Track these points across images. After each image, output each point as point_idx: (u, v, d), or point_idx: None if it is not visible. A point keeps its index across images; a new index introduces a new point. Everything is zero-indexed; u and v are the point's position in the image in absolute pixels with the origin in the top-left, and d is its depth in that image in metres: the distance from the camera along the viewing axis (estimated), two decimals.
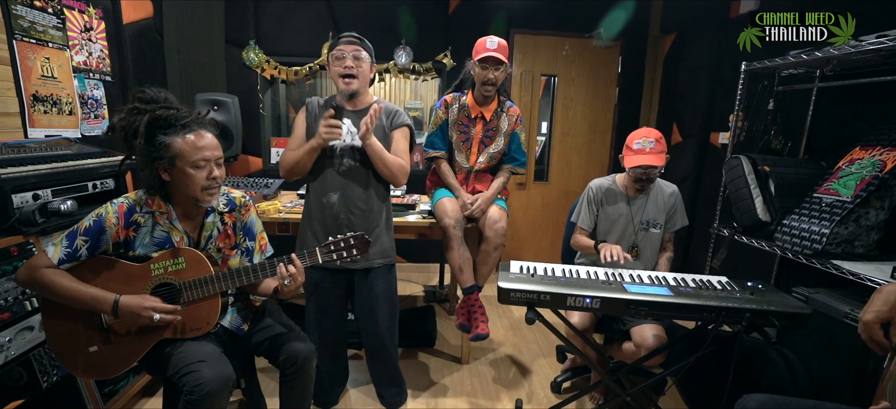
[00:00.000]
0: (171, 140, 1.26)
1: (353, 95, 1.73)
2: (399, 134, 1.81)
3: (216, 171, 1.32)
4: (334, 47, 1.71)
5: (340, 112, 1.63)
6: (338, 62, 1.69)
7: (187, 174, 1.28)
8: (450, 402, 2.07)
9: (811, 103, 2.20)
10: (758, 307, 1.37)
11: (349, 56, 1.68)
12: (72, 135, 2.23)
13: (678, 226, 1.97)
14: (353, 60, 1.68)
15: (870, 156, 1.78)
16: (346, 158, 1.75)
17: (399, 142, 1.80)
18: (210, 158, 1.30)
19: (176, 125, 1.29)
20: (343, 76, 1.69)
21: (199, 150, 1.28)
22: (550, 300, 1.45)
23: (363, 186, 1.77)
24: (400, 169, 1.75)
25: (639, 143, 1.84)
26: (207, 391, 1.19)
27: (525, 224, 3.88)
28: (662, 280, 1.57)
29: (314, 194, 1.78)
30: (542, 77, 3.70)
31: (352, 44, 1.69)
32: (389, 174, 1.74)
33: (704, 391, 1.98)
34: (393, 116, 1.81)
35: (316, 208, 1.78)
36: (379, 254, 1.82)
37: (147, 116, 1.26)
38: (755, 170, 2.07)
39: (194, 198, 1.31)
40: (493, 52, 1.98)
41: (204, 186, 1.30)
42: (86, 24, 2.36)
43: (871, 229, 1.72)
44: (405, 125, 1.82)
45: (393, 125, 1.81)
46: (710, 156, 3.05)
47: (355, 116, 1.75)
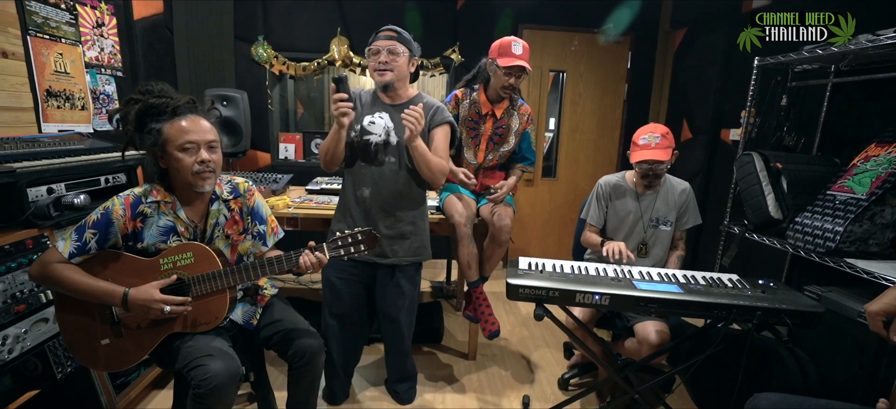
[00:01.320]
0: (160, 126, 1.28)
1: (387, 87, 1.69)
2: (440, 133, 1.74)
3: (206, 154, 1.30)
4: (371, 43, 1.67)
5: (340, 83, 1.53)
6: (373, 57, 1.67)
7: (177, 158, 1.28)
8: (458, 397, 2.08)
9: (825, 99, 2.16)
10: (769, 306, 1.35)
11: (384, 51, 1.64)
12: (84, 130, 2.26)
13: (690, 224, 1.95)
14: (388, 55, 1.64)
15: (886, 153, 1.75)
16: (381, 154, 1.71)
17: (439, 141, 1.73)
18: (198, 141, 1.30)
19: (166, 112, 1.30)
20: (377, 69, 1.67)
21: (185, 133, 1.28)
22: (559, 297, 1.44)
23: (397, 183, 1.72)
24: (440, 171, 1.70)
25: (645, 138, 1.83)
26: (215, 385, 1.20)
27: (533, 221, 3.87)
28: (672, 277, 1.56)
29: (349, 187, 1.76)
30: (551, 73, 3.67)
31: (388, 39, 1.65)
32: (430, 176, 1.69)
33: (714, 390, 1.96)
34: (433, 112, 1.74)
35: (350, 201, 1.75)
36: (408, 252, 1.79)
37: (138, 105, 1.29)
38: (767, 167, 2.05)
39: (188, 183, 1.32)
40: (520, 61, 1.93)
41: (194, 171, 1.29)
42: (98, 19, 2.38)
43: (887, 227, 1.69)
44: (447, 122, 1.75)
45: (434, 122, 1.74)
46: (721, 153, 3.02)
47: (393, 110, 1.72)
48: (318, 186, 2.53)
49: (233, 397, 1.27)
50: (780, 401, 1.23)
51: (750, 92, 2.24)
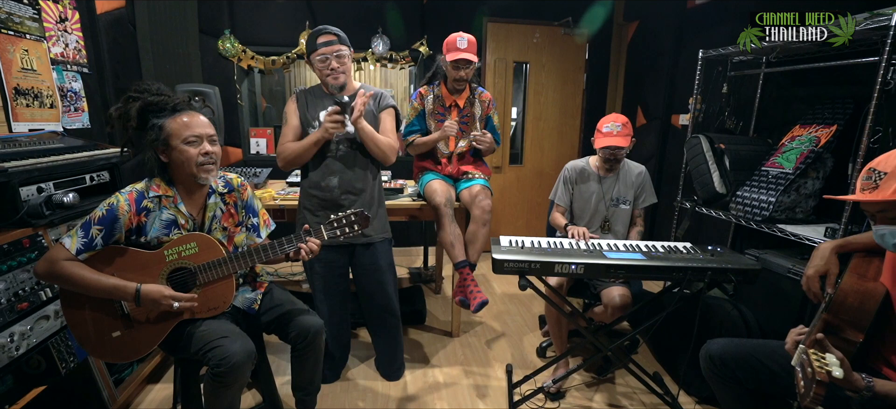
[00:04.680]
0: (163, 122, 1.35)
1: (344, 86, 1.83)
2: (386, 115, 1.94)
3: (209, 147, 1.39)
4: (315, 49, 1.78)
5: (345, 107, 1.72)
6: (322, 64, 1.79)
7: (181, 151, 1.35)
8: (445, 371, 2.23)
9: (759, 87, 2.45)
10: (717, 266, 1.58)
11: (332, 57, 1.78)
12: (54, 128, 2.20)
13: (647, 203, 2.18)
14: (337, 61, 1.79)
15: (807, 133, 2.03)
16: (342, 145, 1.87)
17: (386, 122, 1.93)
18: (201, 134, 1.37)
19: (166, 109, 1.37)
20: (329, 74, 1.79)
21: (189, 127, 1.36)
22: (540, 268, 1.61)
23: (359, 168, 1.89)
24: (389, 148, 1.88)
25: (608, 126, 2.05)
26: (234, 362, 1.28)
27: (502, 205, 4.06)
28: (636, 247, 1.77)
29: (314, 179, 1.88)
30: (515, 63, 3.85)
31: (331, 45, 1.77)
32: (381, 154, 1.86)
33: (673, 346, 2.22)
34: (379, 99, 1.94)
35: (316, 192, 1.88)
36: (379, 229, 1.97)
37: (139, 103, 1.34)
38: (712, 148, 2.31)
39: (192, 175, 1.38)
40: (464, 54, 2.11)
41: (199, 163, 1.37)
42: (61, 14, 2.31)
43: (809, 196, 1.98)
44: (391, 106, 1.96)
45: (380, 107, 1.93)
46: (673, 136, 3.31)
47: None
48: (298, 178, 2.57)
49: (248, 375, 1.35)
50: (727, 344, 1.46)
51: (696, 81, 2.50)
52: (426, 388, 2.09)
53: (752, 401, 1.46)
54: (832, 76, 2.10)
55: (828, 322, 1.21)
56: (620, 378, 2.18)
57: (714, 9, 2.88)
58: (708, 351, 1.48)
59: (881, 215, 1.13)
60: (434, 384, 2.12)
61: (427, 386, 2.11)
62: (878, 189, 1.09)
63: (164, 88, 1.41)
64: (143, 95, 1.36)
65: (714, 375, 1.46)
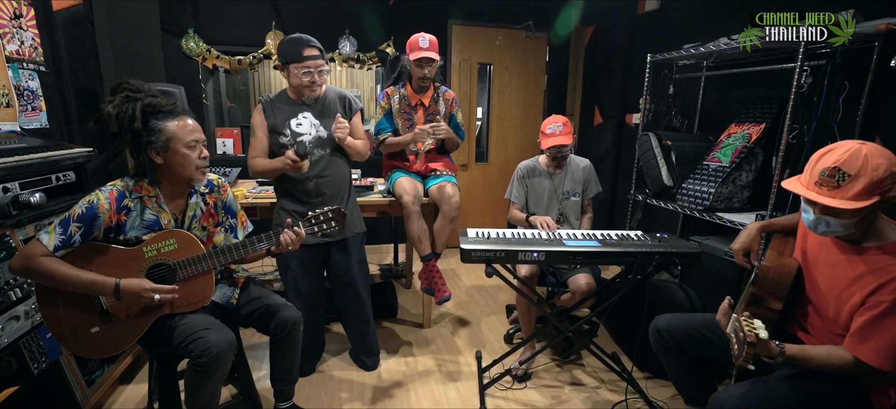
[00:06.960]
0: (164, 124, 1.37)
1: (317, 99, 1.95)
2: (356, 119, 2.06)
3: (205, 151, 1.45)
4: (299, 61, 1.83)
5: (303, 154, 1.79)
6: (305, 78, 1.85)
7: (183, 155, 1.39)
8: (419, 360, 2.33)
9: (701, 89, 2.69)
10: (664, 251, 1.75)
11: (315, 72, 1.86)
12: (11, 128, 2.14)
13: (594, 193, 2.38)
14: (319, 75, 1.88)
15: (741, 130, 2.26)
16: (317, 149, 1.95)
17: (357, 125, 2.05)
18: (200, 139, 1.44)
19: (164, 110, 1.40)
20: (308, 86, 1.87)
21: (191, 131, 1.41)
22: (505, 256, 1.73)
23: (333, 169, 1.98)
24: (365, 148, 2.04)
25: (551, 128, 2.23)
26: (216, 353, 1.33)
27: (469, 203, 4.19)
28: (592, 236, 1.93)
29: (290, 183, 1.95)
30: (479, 65, 3.99)
31: (316, 59, 1.85)
32: (358, 156, 2.01)
33: (629, 329, 2.40)
34: (348, 106, 2.04)
35: (293, 192, 1.95)
36: (353, 226, 2.05)
37: (140, 103, 1.35)
38: (660, 145, 2.52)
39: (189, 177, 1.42)
40: (426, 52, 2.22)
41: (198, 165, 1.42)
42: (15, 10, 2.24)
43: (744, 187, 2.21)
44: (358, 109, 2.08)
45: (351, 113, 2.04)
46: (627, 134, 3.53)
47: (316, 107, 1.96)
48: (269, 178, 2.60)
49: (229, 365, 1.40)
50: (672, 318, 1.63)
51: (645, 83, 2.71)
52: (401, 376, 2.18)
53: (695, 370, 1.64)
54: (762, 79, 2.35)
55: (754, 294, 1.40)
56: (583, 360, 2.35)
57: (662, 15, 3.11)
58: (656, 326, 1.65)
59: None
60: (408, 372, 2.21)
61: (401, 374, 2.20)
62: (840, 189, 1.11)
63: (154, 89, 1.42)
64: (141, 95, 1.37)
65: (661, 347, 1.63)
